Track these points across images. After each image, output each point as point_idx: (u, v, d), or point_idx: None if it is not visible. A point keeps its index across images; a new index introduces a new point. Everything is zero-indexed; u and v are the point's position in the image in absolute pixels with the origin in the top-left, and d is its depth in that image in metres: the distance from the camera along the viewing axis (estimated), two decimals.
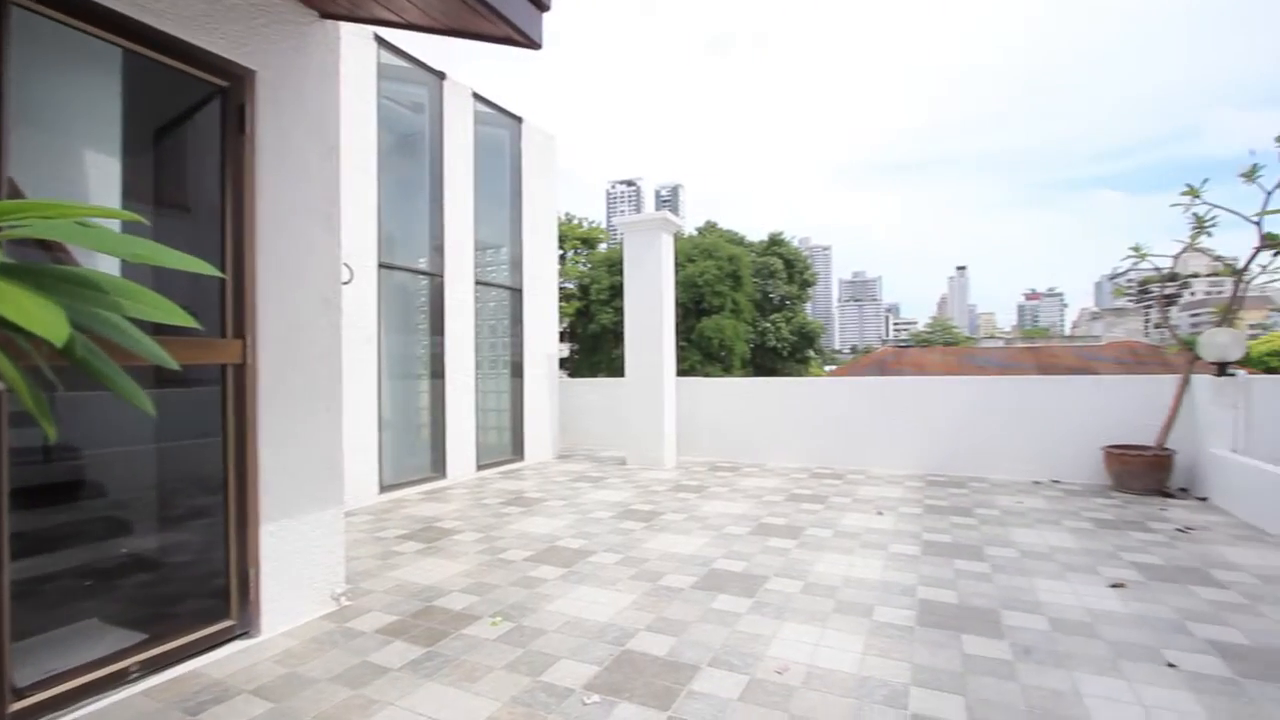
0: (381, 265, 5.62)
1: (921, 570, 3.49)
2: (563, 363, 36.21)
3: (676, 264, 36.29)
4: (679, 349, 33.88)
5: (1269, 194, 4.82)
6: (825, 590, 3.21)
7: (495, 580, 3.42)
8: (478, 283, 6.78)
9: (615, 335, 31.97)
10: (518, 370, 7.44)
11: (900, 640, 2.62)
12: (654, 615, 2.91)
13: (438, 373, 6.24)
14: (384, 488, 5.55)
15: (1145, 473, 5.27)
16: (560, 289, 35.32)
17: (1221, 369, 5.08)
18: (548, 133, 8.08)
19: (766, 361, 40.63)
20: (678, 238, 39.36)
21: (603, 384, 8.87)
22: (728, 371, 34.36)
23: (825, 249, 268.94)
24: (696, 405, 7.67)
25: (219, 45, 2.60)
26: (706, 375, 30.34)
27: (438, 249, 6.30)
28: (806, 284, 43.78)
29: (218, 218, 2.68)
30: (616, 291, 30.73)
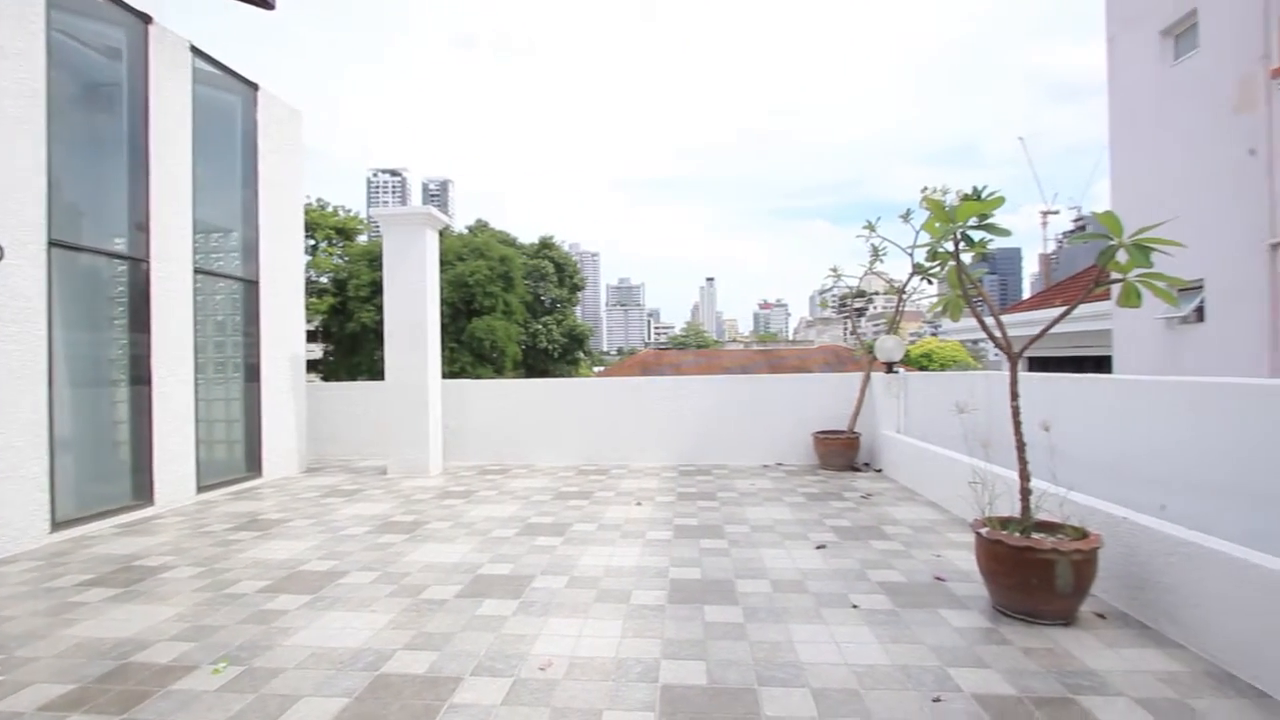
0: (54, 243, 4.45)
1: (673, 552, 3.85)
2: (315, 365, 32.28)
3: (446, 262, 34.73)
4: (449, 350, 32.54)
5: (916, 233, 6.26)
6: (589, 582, 3.36)
7: (219, 620, 2.94)
8: (198, 271, 5.74)
9: (378, 335, 29.51)
10: (253, 374, 6.47)
11: (653, 619, 2.86)
12: (414, 632, 2.77)
13: (141, 378, 5.15)
14: (58, 524, 4.40)
15: (841, 452, 6.49)
16: (311, 283, 31.51)
17: (889, 367, 6.49)
18: (292, 107, 7.16)
19: (538, 363, 40.97)
20: (446, 235, 37.71)
21: (361, 388, 8.15)
22: (500, 373, 33.89)
23: (594, 255, 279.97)
24: (465, 408, 7.45)
25: None
26: (478, 377, 29.56)
27: (140, 227, 5.19)
28: (576, 288, 45.12)
29: None
30: (379, 288, 28.42)
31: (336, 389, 8.16)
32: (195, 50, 5.76)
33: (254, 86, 6.57)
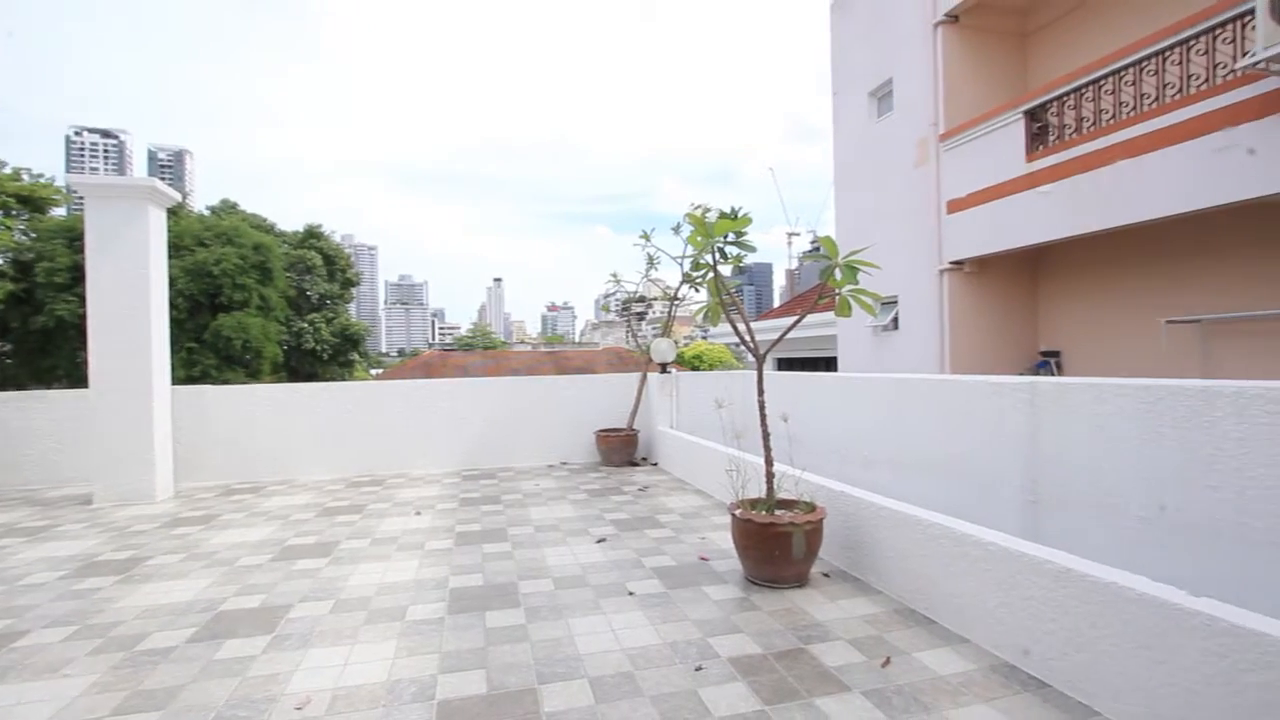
0: None
1: (454, 561, 3.73)
2: None
3: (182, 247, 29.40)
4: (185, 352, 27.46)
5: (685, 244, 6.86)
6: (358, 603, 3.10)
7: None
8: None
9: (83, 332, 23.89)
10: None
11: (431, 634, 2.74)
12: (125, 693, 2.30)
13: None
14: None
15: (621, 448, 6.85)
16: None
17: (663, 368, 7.01)
18: None
19: (304, 365, 36.58)
20: (182, 214, 31.75)
21: (50, 398, 6.50)
22: (255, 377, 29.56)
23: (372, 249, 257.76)
24: (206, 419, 6.36)
25: None
26: (226, 382, 25.46)
27: None
28: (350, 283, 41.22)
29: None
30: (83, 274, 22.86)
31: (11, 399, 6.41)
32: None
33: None
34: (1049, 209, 7.50)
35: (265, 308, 31.06)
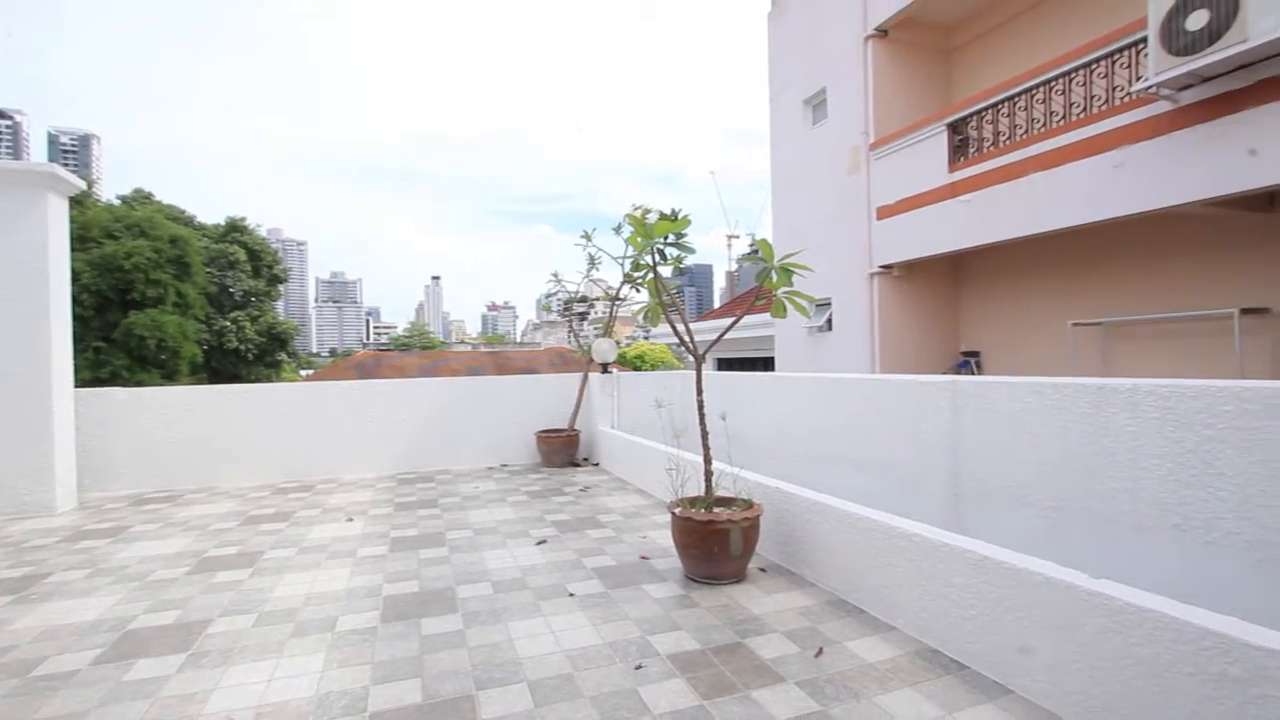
0: None
1: (388, 568, 3.62)
2: None
3: (88, 239, 27.31)
4: (94, 351, 25.55)
5: (626, 244, 6.88)
6: (284, 615, 2.97)
7: None
8: None
9: None
10: None
11: (363, 644, 2.65)
12: None
13: None
14: None
15: (562, 449, 6.81)
16: None
17: (605, 368, 7.02)
18: None
19: (227, 366, 34.67)
20: (86, 204, 29.46)
21: None
22: (172, 379, 27.80)
23: (301, 244, 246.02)
24: (115, 424, 5.93)
25: None
26: (139, 384, 23.79)
27: None
28: (277, 279, 39.36)
29: None
30: None
31: None
32: None
33: None
34: (969, 217, 7.93)
35: (183, 305, 29.24)
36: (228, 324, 34.73)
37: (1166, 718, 1.76)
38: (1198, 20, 5.12)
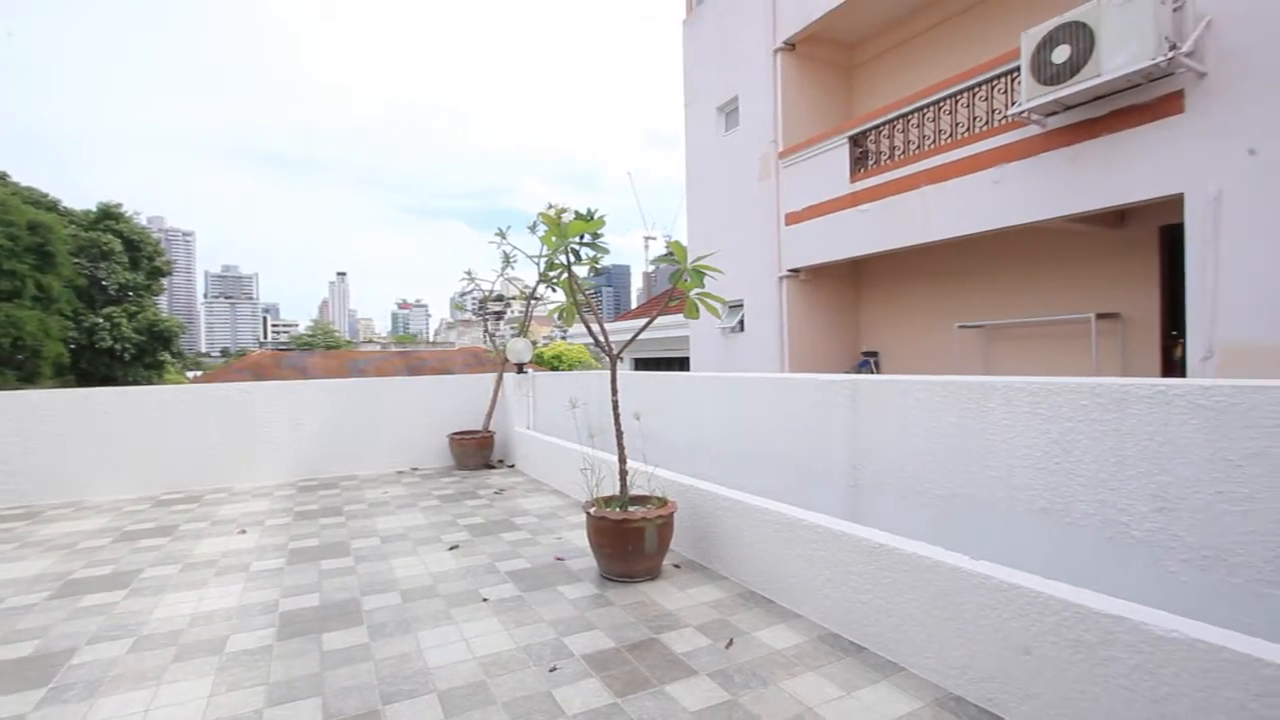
0: None
1: (285, 582, 3.40)
2: None
3: None
4: None
5: (541, 244, 6.83)
6: (165, 639, 2.73)
7: None
8: None
9: None
10: None
11: (256, 665, 2.48)
12: None
13: None
14: None
15: (476, 451, 6.65)
16: None
17: (520, 368, 6.92)
18: None
19: (99, 367, 31.42)
20: None
21: None
22: (32, 381, 24.88)
23: (187, 235, 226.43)
24: None
25: None
26: None
27: None
28: (158, 272, 36.13)
29: None
30: None
31: None
32: None
33: None
34: (868, 225, 8.41)
35: (45, 299, 26.23)
36: (100, 321, 31.45)
37: (1035, 682, 1.95)
38: (1061, 54, 5.68)
